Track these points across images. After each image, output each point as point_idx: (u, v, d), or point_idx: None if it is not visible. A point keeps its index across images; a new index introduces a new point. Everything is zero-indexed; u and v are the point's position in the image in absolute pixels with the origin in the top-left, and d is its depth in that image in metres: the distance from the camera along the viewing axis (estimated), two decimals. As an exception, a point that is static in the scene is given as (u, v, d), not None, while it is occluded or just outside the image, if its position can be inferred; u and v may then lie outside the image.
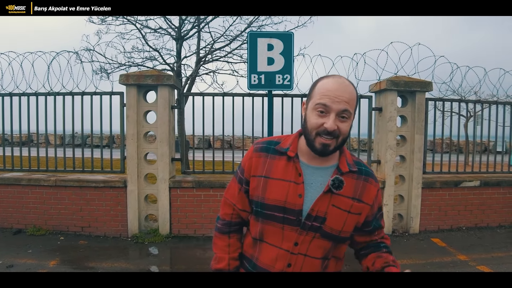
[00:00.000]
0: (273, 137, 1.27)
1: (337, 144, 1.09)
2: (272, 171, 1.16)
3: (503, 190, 5.17)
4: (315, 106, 1.08)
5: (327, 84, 1.08)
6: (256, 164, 1.20)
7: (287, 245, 1.14)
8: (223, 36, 8.61)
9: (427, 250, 4.31)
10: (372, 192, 1.19)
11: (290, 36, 4.28)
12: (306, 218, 1.11)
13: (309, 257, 1.14)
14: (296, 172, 1.14)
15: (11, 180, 4.72)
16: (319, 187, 1.13)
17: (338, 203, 1.12)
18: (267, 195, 1.15)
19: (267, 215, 1.15)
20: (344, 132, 1.08)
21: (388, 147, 4.73)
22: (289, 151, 1.16)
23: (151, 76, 4.50)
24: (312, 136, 1.09)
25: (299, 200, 1.11)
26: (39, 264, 3.74)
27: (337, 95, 1.05)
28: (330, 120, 1.05)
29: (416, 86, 4.72)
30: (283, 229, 1.14)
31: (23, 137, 5.86)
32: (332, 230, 1.13)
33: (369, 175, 1.20)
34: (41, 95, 4.85)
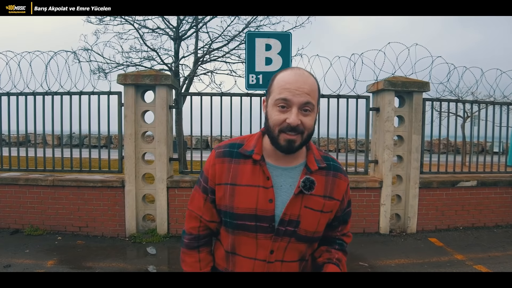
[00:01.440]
0: (235, 139, 1.18)
1: (303, 139, 1.03)
2: (239, 177, 1.08)
3: (500, 190, 5.19)
4: (275, 101, 1.01)
5: (286, 77, 1.02)
6: (220, 171, 1.10)
7: (263, 254, 1.07)
8: (221, 36, 8.62)
9: (424, 250, 4.33)
10: (342, 188, 1.14)
11: (288, 36, 4.29)
12: (280, 224, 1.05)
13: (286, 262, 1.09)
14: (264, 176, 1.06)
15: (9, 180, 4.71)
16: (289, 188, 1.07)
17: (311, 204, 1.07)
18: (236, 204, 1.06)
19: (238, 225, 1.07)
20: (309, 126, 1.02)
21: (385, 147, 4.74)
22: (254, 154, 1.08)
23: (149, 76, 4.50)
24: (275, 133, 1.02)
25: (270, 206, 1.05)
26: (37, 264, 3.74)
27: (297, 87, 0.99)
28: (293, 115, 0.98)
29: (414, 86, 4.74)
30: (257, 238, 1.06)
31: (20, 137, 5.85)
32: (306, 233, 1.08)
33: (338, 170, 1.15)
34: (38, 95, 4.84)
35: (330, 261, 1.16)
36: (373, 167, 5.08)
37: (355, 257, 4.04)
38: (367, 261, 3.94)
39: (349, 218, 1.25)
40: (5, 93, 4.91)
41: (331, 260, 1.16)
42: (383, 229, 4.81)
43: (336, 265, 1.15)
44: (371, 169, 5.15)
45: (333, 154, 5.33)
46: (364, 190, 4.78)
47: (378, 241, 4.61)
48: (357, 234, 4.80)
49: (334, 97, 4.91)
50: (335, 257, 1.18)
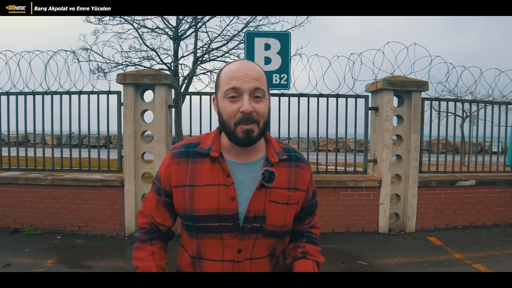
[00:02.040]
0: (191, 138, 1.14)
1: (260, 129, 1.00)
2: (197, 177, 1.04)
3: (498, 189, 5.21)
4: (224, 93, 0.99)
5: (232, 67, 1.01)
6: (177, 173, 1.06)
7: (230, 255, 1.04)
8: (220, 35, 8.63)
9: (423, 249, 4.34)
10: (306, 177, 1.12)
11: (287, 35, 4.30)
12: (245, 221, 1.02)
13: (255, 259, 1.06)
14: (224, 173, 1.03)
15: (8, 180, 4.71)
16: (251, 184, 1.03)
17: (275, 197, 1.04)
18: (197, 206, 1.02)
19: (201, 228, 1.03)
20: (263, 113, 0.99)
21: (384, 146, 4.75)
22: (211, 152, 1.05)
23: (148, 75, 4.50)
24: (231, 127, 0.99)
25: (233, 204, 1.01)
26: (36, 263, 3.74)
27: (244, 74, 0.97)
28: (245, 102, 0.96)
29: (412, 85, 4.75)
30: (222, 239, 1.03)
31: (20, 137, 5.85)
32: (274, 227, 1.05)
33: (300, 160, 1.13)
34: (38, 94, 4.84)
35: (295, 258, 1.13)
36: (372, 166, 5.09)
37: (354, 256, 4.05)
38: (366, 260, 3.94)
39: (316, 209, 1.22)
40: (4, 92, 4.91)
41: (297, 256, 1.13)
42: (382, 228, 4.82)
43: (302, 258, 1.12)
44: (370, 168, 5.16)
45: (332, 153, 5.36)
46: (363, 189, 4.79)
47: (377, 240, 4.62)
48: (356, 233, 4.81)
49: (333, 97, 4.92)
50: (299, 251, 1.14)
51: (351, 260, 3.94)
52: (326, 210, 4.75)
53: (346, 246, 4.38)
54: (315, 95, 4.90)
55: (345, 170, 5.15)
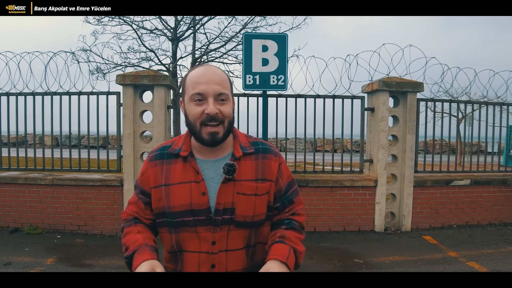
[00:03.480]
0: (166, 142, 1.22)
1: (225, 129, 1.08)
2: (171, 177, 1.12)
3: (493, 188, 5.28)
4: (191, 97, 1.06)
5: (196, 73, 1.09)
6: (154, 174, 1.14)
7: (205, 246, 1.09)
8: (219, 37, 8.69)
9: (418, 247, 4.40)
10: (274, 168, 1.17)
11: (284, 37, 4.36)
12: (215, 214, 1.08)
13: (231, 251, 1.11)
14: (194, 171, 1.11)
15: (8, 179, 4.75)
16: (221, 179, 1.10)
17: (243, 189, 1.10)
18: (172, 203, 1.10)
19: (177, 223, 1.10)
20: (228, 114, 1.07)
21: (380, 146, 4.82)
22: (181, 152, 1.12)
23: (147, 76, 4.56)
24: (197, 128, 1.06)
25: (204, 198, 1.08)
26: (36, 262, 3.78)
27: (208, 80, 1.05)
28: (210, 105, 1.04)
29: (408, 86, 4.82)
30: (197, 232, 1.09)
31: (19, 137, 5.89)
32: (244, 218, 1.11)
33: (267, 152, 1.18)
34: (38, 95, 4.89)
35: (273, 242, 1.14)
36: (368, 166, 5.16)
37: (350, 255, 4.11)
38: (362, 258, 4.01)
39: (296, 197, 1.25)
40: (4, 93, 4.96)
41: (274, 240, 1.14)
42: (378, 227, 4.88)
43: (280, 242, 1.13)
44: (366, 168, 5.23)
45: (329, 154, 5.40)
46: (359, 188, 4.86)
47: (373, 239, 4.68)
48: (352, 232, 4.87)
49: (329, 98, 4.99)
50: (278, 235, 1.16)
51: (347, 258, 4.00)
52: (322, 209, 4.82)
53: (342, 244, 4.44)
54: (312, 96, 4.97)
55: (341, 170, 5.22)
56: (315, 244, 4.39)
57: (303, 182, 4.79)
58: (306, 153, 5.15)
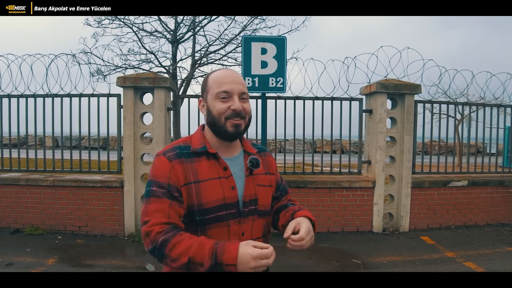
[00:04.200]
0: (176, 142, 1.21)
1: (246, 124, 1.18)
2: (199, 173, 1.13)
3: (490, 189, 5.32)
4: (216, 95, 1.14)
5: (221, 74, 1.18)
6: (182, 172, 1.12)
7: (234, 239, 1.14)
8: (218, 39, 8.75)
9: (416, 248, 4.44)
10: (273, 163, 1.36)
11: (283, 40, 4.41)
12: (243, 206, 1.17)
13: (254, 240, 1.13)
14: (221, 167, 1.16)
15: (9, 180, 4.79)
16: (241, 174, 1.20)
17: (261, 181, 1.23)
18: (205, 199, 1.11)
19: (209, 219, 1.12)
20: (249, 111, 1.19)
21: (378, 148, 4.87)
22: (209, 149, 1.17)
23: (147, 78, 4.61)
24: (222, 121, 1.14)
25: (234, 192, 1.15)
26: (38, 262, 3.82)
27: (233, 80, 1.15)
28: (236, 102, 1.14)
29: (405, 88, 4.87)
30: (229, 225, 1.14)
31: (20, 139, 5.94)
32: (264, 207, 1.24)
33: (265, 151, 1.36)
34: (39, 97, 4.94)
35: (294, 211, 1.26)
36: (366, 167, 5.20)
37: (348, 255, 4.15)
38: (360, 258, 4.05)
39: (287, 189, 1.44)
40: (5, 95, 5.00)
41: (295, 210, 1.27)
42: (376, 228, 4.93)
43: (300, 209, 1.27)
44: (364, 169, 5.27)
45: (328, 155, 5.45)
46: (357, 189, 4.90)
47: (372, 239, 4.72)
48: (351, 233, 4.91)
49: (328, 99, 5.04)
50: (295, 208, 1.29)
51: (346, 258, 4.04)
52: (321, 210, 4.86)
53: (341, 245, 4.49)
54: (310, 98, 5.02)
55: (340, 171, 5.26)
56: (314, 245, 4.38)
57: (302, 183, 4.84)
58: (305, 154, 5.20)
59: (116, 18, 8.45)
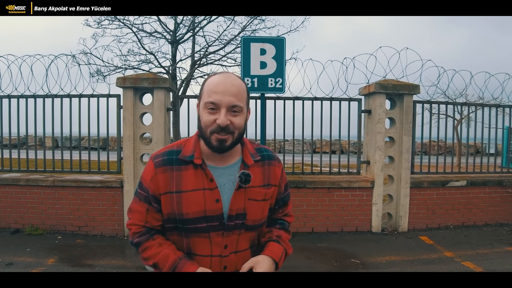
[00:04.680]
0: (171, 145, 1.20)
1: (234, 139, 1.09)
2: (183, 183, 1.12)
3: (489, 189, 5.34)
4: (205, 104, 1.08)
5: (214, 81, 1.09)
6: (164, 180, 1.13)
7: (217, 250, 1.14)
8: (218, 40, 8.78)
9: (415, 248, 4.46)
10: (277, 173, 1.24)
11: (282, 41, 4.43)
12: (228, 219, 1.12)
13: (239, 252, 1.18)
14: (207, 178, 1.12)
15: (9, 181, 4.81)
16: (231, 186, 1.14)
17: (253, 195, 1.16)
18: (185, 210, 1.11)
19: (190, 229, 1.12)
20: (239, 126, 1.09)
21: (377, 148, 4.89)
22: (195, 159, 1.12)
23: (147, 79, 4.63)
24: (207, 134, 1.08)
25: (218, 205, 1.11)
26: (38, 262, 3.84)
27: (224, 90, 1.05)
28: (222, 116, 1.05)
29: (404, 89, 4.89)
30: (210, 237, 1.13)
31: (20, 139, 5.96)
32: (254, 222, 1.17)
33: (272, 158, 1.24)
34: (39, 97, 4.96)
35: (271, 239, 1.25)
36: (365, 167, 5.22)
37: (347, 254, 4.17)
38: (359, 258, 4.06)
39: (289, 200, 1.35)
40: (6, 95, 5.02)
41: (271, 238, 1.25)
42: (375, 228, 4.94)
43: (276, 242, 1.24)
44: (363, 169, 5.29)
45: (327, 155, 5.48)
46: (356, 189, 4.92)
47: (370, 239, 4.74)
48: (350, 233, 4.93)
49: (327, 100, 5.06)
50: (275, 234, 1.27)
51: (345, 258, 4.06)
52: (320, 210, 4.87)
53: (339, 244, 4.50)
54: (309, 99, 5.04)
55: (339, 171, 5.28)
56: (313, 245, 4.44)
57: (301, 183, 4.85)
58: (304, 155, 5.21)
59: (115, 19, 8.48)
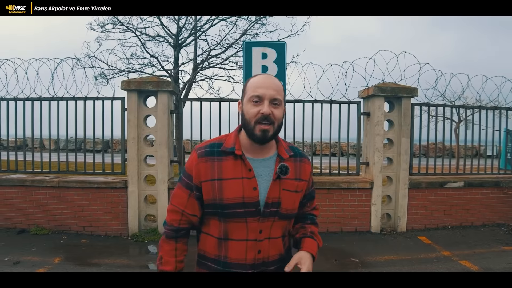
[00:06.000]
0: (213, 139, 1.35)
1: (274, 130, 1.24)
2: (224, 172, 1.25)
3: (486, 190, 5.43)
4: (249, 98, 1.23)
5: (257, 79, 1.27)
6: (205, 169, 1.26)
7: (253, 235, 1.26)
8: (220, 43, 8.90)
9: (413, 247, 4.55)
10: (308, 170, 1.39)
11: (282, 45, 4.54)
12: (265, 207, 1.25)
13: (272, 239, 1.29)
14: (246, 168, 1.26)
15: (15, 182, 4.90)
16: (268, 176, 1.27)
17: (287, 186, 1.29)
18: (225, 196, 1.23)
19: (229, 214, 1.24)
20: (279, 117, 1.24)
21: (375, 149, 4.99)
22: (236, 150, 1.26)
23: (151, 82, 4.73)
24: (252, 124, 1.22)
25: (255, 193, 1.24)
26: (44, 261, 3.92)
27: (266, 86, 1.22)
28: (265, 106, 1.20)
29: (402, 92, 4.99)
30: (247, 222, 1.25)
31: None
32: (287, 211, 1.30)
33: (302, 156, 1.40)
34: (45, 100, 5.06)
35: (305, 235, 1.39)
36: (365, 168, 5.31)
37: (347, 254, 4.26)
38: (358, 257, 4.15)
39: (315, 194, 1.50)
40: (12, 98, 5.12)
41: (306, 234, 1.40)
42: (374, 228, 5.03)
43: (311, 237, 1.39)
44: (362, 170, 5.39)
45: (327, 157, 5.59)
46: (355, 190, 5.01)
47: (370, 239, 4.83)
48: (349, 233, 5.02)
49: (327, 103, 5.16)
50: (309, 230, 1.41)
51: (344, 257, 4.15)
52: (320, 210, 4.94)
53: (339, 244, 4.59)
54: (309, 101, 5.14)
55: (338, 172, 5.38)
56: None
57: (302, 184, 4.93)
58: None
59: (119, 23, 8.61)
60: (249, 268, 1.26)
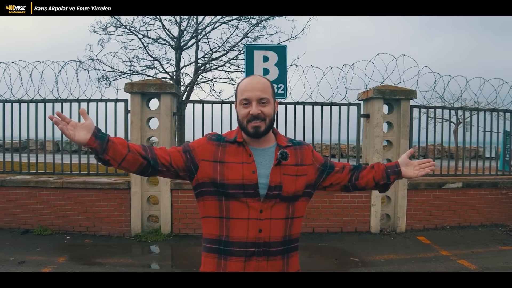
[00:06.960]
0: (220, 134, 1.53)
1: (266, 125, 1.38)
2: (226, 156, 1.39)
3: (484, 191, 5.50)
4: (239, 101, 1.38)
5: (244, 82, 1.41)
6: (210, 150, 1.41)
7: (254, 214, 1.34)
8: (221, 46, 8.99)
9: (412, 247, 4.61)
10: (308, 154, 1.49)
11: (283, 48, 4.63)
12: (268, 189, 1.35)
13: (274, 220, 1.36)
14: (247, 153, 1.40)
15: (19, 182, 4.97)
16: (268, 163, 1.40)
17: (287, 171, 1.40)
18: (226, 177, 1.36)
19: (230, 194, 1.35)
20: (268, 113, 1.37)
21: (375, 151, 5.06)
22: (237, 138, 1.42)
23: (154, 85, 4.81)
24: (244, 124, 1.38)
25: (253, 175, 1.35)
26: (49, 260, 3.98)
27: (252, 88, 1.36)
28: (253, 107, 1.35)
29: (401, 94, 5.07)
30: (247, 202, 1.35)
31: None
32: (288, 193, 1.39)
33: (301, 143, 1.52)
34: (49, 102, 5.13)
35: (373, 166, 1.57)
36: (364, 170, 5.37)
37: (347, 253, 4.32)
38: (358, 256, 4.21)
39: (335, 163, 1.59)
40: (16, 100, 5.19)
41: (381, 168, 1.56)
42: (374, 228, 5.10)
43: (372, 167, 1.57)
44: (362, 172, 5.44)
45: (327, 158, 5.66)
46: (355, 191, 5.06)
47: (369, 239, 4.89)
48: (349, 233, 5.08)
49: (327, 105, 5.24)
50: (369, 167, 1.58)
51: (344, 257, 4.21)
52: (320, 211, 5.03)
53: (339, 244, 4.66)
54: (310, 104, 5.22)
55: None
56: (313, 244, 4.59)
57: (302, 185, 5.00)
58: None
59: (121, 25, 8.70)
60: (250, 246, 1.33)
